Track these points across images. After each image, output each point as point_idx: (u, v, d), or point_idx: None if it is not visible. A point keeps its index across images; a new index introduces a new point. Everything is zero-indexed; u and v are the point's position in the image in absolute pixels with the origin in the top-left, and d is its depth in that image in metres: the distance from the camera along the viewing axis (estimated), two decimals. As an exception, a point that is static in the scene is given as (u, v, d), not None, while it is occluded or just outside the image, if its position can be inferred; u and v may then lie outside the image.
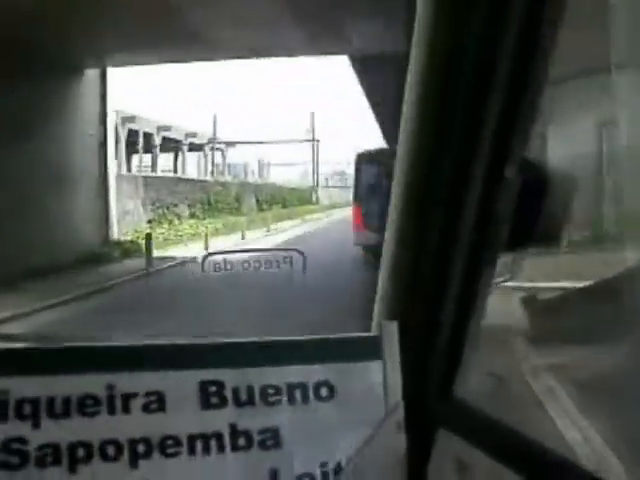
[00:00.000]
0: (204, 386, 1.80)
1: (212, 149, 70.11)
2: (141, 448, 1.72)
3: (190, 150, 72.30)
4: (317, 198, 77.95)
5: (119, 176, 29.62)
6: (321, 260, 22.82)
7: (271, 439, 1.81)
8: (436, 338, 1.92)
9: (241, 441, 1.79)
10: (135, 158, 68.51)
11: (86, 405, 1.71)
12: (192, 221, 35.99)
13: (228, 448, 1.78)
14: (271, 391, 1.83)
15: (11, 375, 1.69)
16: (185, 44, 20.34)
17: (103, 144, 25.00)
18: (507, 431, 1.67)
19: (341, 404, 1.86)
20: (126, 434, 1.72)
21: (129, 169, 60.68)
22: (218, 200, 41.86)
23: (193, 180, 42.08)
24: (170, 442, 1.74)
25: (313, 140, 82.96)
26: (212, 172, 66.02)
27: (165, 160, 78.97)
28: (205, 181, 43.40)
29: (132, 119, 62.56)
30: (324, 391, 1.86)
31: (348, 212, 28.83)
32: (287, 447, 1.81)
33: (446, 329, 1.90)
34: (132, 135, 63.27)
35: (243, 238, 32.65)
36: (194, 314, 14.29)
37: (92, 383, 1.73)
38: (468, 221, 1.80)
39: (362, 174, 23.92)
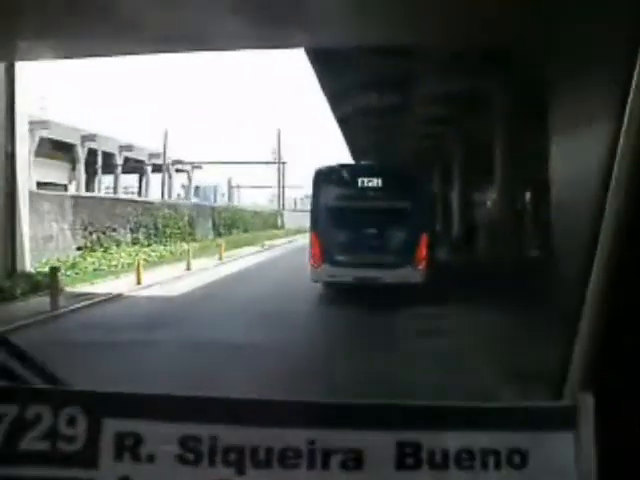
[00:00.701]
0: (401, 447, 1.83)
1: (156, 169, 66.31)
2: None
3: (154, 171, 68.96)
4: (282, 222, 74.79)
5: (36, 195, 25.21)
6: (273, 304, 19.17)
7: None
8: (635, 414, 1.88)
9: None
10: (104, 179, 65.33)
11: (287, 457, 1.82)
12: (133, 248, 31.74)
13: None
14: (465, 455, 1.84)
15: (219, 423, 1.84)
16: (107, 31, 16.19)
17: (10, 155, 20.57)
18: None
19: (532, 474, 1.84)
20: None
21: (90, 190, 57.17)
22: (167, 224, 37.74)
23: (136, 201, 37.73)
24: None
25: (279, 162, 79.76)
26: (162, 194, 62.34)
27: (131, 181, 75.82)
28: (151, 203, 39.07)
29: (92, 137, 59.07)
30: (516, 459, 1.84)
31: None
32: None
33: None
34: (92, 155, 59.86)
35: (188, 269, 28.42)
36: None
37: (294, 437, 1.83)
38: None
39: (321, 196, 19.63)
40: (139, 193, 68.56)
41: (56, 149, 55.91)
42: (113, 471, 1.83)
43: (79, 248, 27.96)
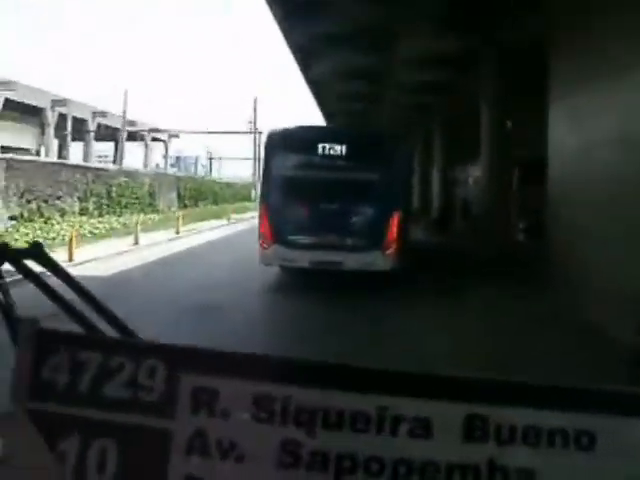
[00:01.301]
0: (470, 419, 1.86)
1: (117, 139, 63.27)
2: (402, 470, 1.86)
3: (130, 139, 66.12)
4: (256, 195, 72.02)
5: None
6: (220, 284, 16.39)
7: None
8: None
9: (498, 478, 1.85)
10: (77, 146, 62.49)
11: (357, 421, 1.89)
12: (80, 219, 28.74)
13: None
14: (532, 433, 1.86)
15: (294, 384, 1.92)
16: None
17: None
18: None
19: (599, 457, 1.84)
20: (391, 454, 1.86)
21: (63, 157, 54.21)
22: (122, 194, 34.69)
23: (86, 167, 34.49)
24: (430, 468, 1.85)
25: (254, 131, 76.61)
26: (117, 160, 59.54)
27: (108, 150, 73.16)
28: (105, 170, 35.89)
29: (63, 102, 56.03)
30: (585, 441, 1.85)
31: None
32: None
33: None
34: (63, 120, 56.84)
35: (136, 243, 25.51)
36: None
37: (365, 402, 1.90)
38: None
39: (274, 163, 16.45)
40: (114, 161, 65.87)
41: (23, 112, 53.10)
42: (189, 423, 1.90)
43: (12, 217, 24.83)
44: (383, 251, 15.59)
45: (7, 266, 2.31)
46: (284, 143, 16.52)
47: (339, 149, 16.03)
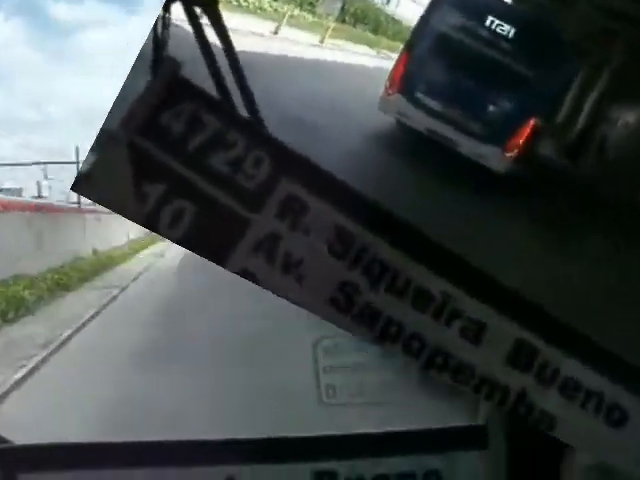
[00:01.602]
0: (519, 344, 1.92)
1: None
2: (439, 361, 1.92)
3: None
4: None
5: None
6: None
7: None
8: None
9: (521, 409, 1.88)
10: None
11: (420, 297, 1.93)
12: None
13: None
14: (571, 385, 1.88)
15: (377, 233, 1.92)
16: None
17: None
18: None
19: (627, 436, 1.86)
20: (435, 342, 1.91)
21: None
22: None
23: None
24: (466, 371, 1.88)
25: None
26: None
27: None
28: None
29: None
30: (616, 415, 1.88)
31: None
32: None
33: None
34: None
35: (276, 33, 24.96)
36: None
37: (435, 283, 1.92)
38: None
39: (436, 14, 15.27)
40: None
41: None
42: (270, 224, 1.91)
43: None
44: (504, 150, 14.54)
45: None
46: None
47: (507, 29, 14.89)
